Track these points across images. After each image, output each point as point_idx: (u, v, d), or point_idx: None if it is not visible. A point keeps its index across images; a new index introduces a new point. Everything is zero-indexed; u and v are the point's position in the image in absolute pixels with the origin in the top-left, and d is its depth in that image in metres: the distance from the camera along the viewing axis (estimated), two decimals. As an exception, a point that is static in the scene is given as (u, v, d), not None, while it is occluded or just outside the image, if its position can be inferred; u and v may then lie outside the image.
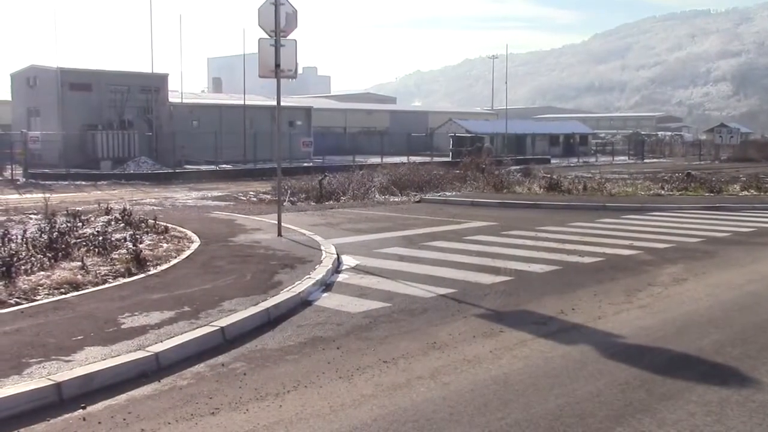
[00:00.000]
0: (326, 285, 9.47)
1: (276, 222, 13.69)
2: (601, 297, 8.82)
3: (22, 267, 9.29)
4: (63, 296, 8.21)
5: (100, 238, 11.40)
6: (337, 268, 10.58)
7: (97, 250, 10.70)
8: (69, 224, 12.89)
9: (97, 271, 9.42)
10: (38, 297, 8.17)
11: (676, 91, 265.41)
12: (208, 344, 6.67)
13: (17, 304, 7.85)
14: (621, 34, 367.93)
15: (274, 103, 13.82)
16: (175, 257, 10.81)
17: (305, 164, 41.49)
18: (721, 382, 5.80)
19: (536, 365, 6.22)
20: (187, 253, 11.23)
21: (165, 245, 11.82)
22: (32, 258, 9.87)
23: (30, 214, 16.89)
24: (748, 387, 5.68)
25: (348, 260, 11.25)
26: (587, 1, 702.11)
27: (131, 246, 10.67)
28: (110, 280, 9.14)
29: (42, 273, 9.17)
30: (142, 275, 9.45)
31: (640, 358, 6.42)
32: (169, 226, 13.97)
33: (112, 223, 13.88)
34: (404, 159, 38.34)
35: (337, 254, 11.39)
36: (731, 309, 8.26)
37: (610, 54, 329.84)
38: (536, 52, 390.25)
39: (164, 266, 10.09)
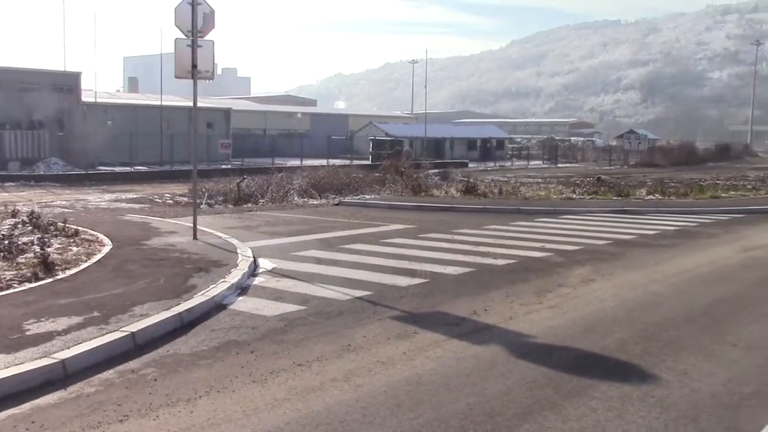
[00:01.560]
0: (242, 288, 9.40)
1: (192, 225, 13.48)
2: (513, 298, 9.05)
3: None
4: (-36, 302, 7.88)
5: (6, 241, 10.99)
6: (253, 271, 10.50)
7: (1, 254, 10.31)
8: (-28, 227, 12.37)
9: (2, 276, 9.08)
10: (-63, 303, 7.82)
11: (588, 98, 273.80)
12: (118, 350, 6.52)
13: None
14: (537, 41, 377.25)
15: (192, 104, 13.61)
16: (86, 261, 10.51)
17: (223, 166, 40.94)
18: (623, 378, 6.04)
19: (449, 365, 6.34)
20: (98, 256, 10.94)
21: (75, 249, 11.49)
22: (-69, 263, 9.44)
23: (-71, 216, 16.10)
24: (648, 383, 5.94)
25: (265, 263, 11.17)
26: (505, 9, 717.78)
27: (39, 250, 10.33)
28: (15, 285, 8.81)
29: (-59, 278, 8.79)
30: (50, 280, 9.15)
31: (548, 357, 6.62)
32: (80, 229, 13.58)
33: (19, 226, 13.39)
34: (324, 162, 38.34)
35: (254, 257, 11.30)
36: (635, 308, 8.60)
37: (527, 61, 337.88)
38: (455, 57, 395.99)
39: (74, 270, 9.81)
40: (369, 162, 47.88)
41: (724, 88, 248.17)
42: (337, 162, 40.15)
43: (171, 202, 23.91)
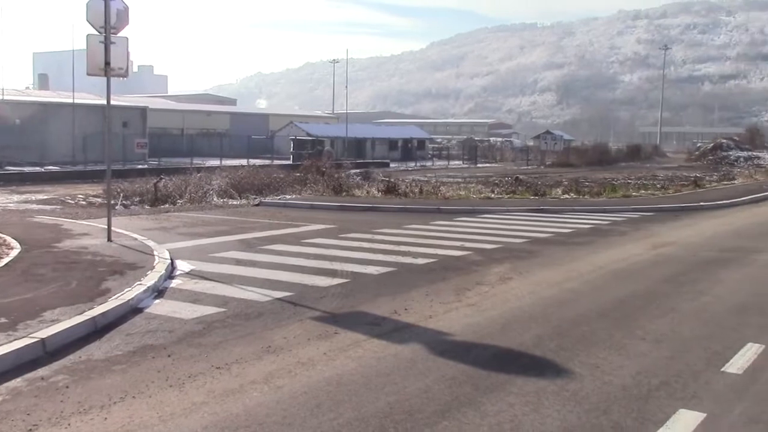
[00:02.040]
0: (158, 291, 9.19)
1: (106, 227, 13.09)
2: (432, 297, 9.14)
3: None
4: None
5: None
6: (170, 273, 10.28)
7: None
8: None
9: None
10: None
11: (506, 99, 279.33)
12: (27, 357, 6.28)
13: None
14: (456, 43, 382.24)
15: (105, 102, 13.22)
16: (-8, 265, 10.08)
17: (140, 166, 39.91)
18: (539, 374, 6.19)
19: (369, 365, 6.36)
20: (6, 260, 10.51)
21: (-20, 253, 11.00)
22: None
23: None
24: (563, 377, 6.10)
25: (182, 265, 10.95)
26: (424, 10, 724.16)
27: (-60, 254, 9.85)
28: None
29: None
30: (-47, 285, 8.74)
31: (467, 354, 6.72)
32: (-14, 231, 13.02)
33: None
34: (244, 162, 37.87)
35: (171, 259, 11.08)
36: (551, 305, 8.82)
37: (446, 62, 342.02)
38: (376, 57, 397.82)
39: (-21, 275, 9.39)
40: (290, 162, 47.56)
41: (634, 90, 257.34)
42: (258, 162, 39.73)
43: (84, 203, 23.17)
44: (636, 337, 7.37)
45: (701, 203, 23.19)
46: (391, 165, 55.38)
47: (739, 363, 6.53)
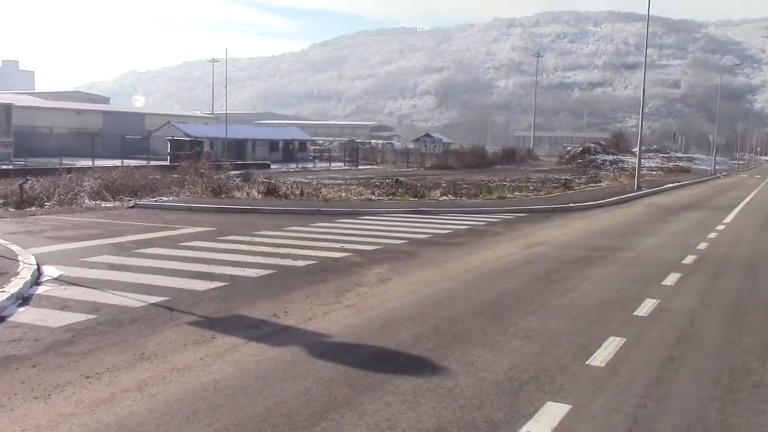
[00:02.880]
0: (23, 298, 8.72)
1: (-35, 231, 12.33)
2: (312, 298, 9.14)
3: None
4: None
5: None
6: (36, 279, 9.78)
7: None
8: None
9: None
10: None
11: (387, 102, 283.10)
12: None
13: None
14: (338, 45, 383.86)
15: (-38, 98, 12.45)
16: None
17: (4, 167, 37.81)
18: (416, 372, 6.31)
19: (247, 369, 6.29)
20: None
21: None
22: None
23: None
24: (439, 375, 6.25)
25: (50, 271, 10.45)
26: (306, 11, 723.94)
27: None
28: None
29: None
30: None
31: (345, 355, 6.76)
32: None
33: None
34: (118, 162, 36.57)
35: (38, 264, 10.54)
36: (428, 305, 9.00)
37: (328, 64, 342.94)
38: (257, 57, 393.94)
39: None
40: (167, 163, 46.29)
41: (509, 96, 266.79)
42: (133, 163, 38.35)
43: (-59, 205, 21.66)
44: (509, 334, 7.64)
45: (570, 204, 24.32)
46: (272, 166, 54.90)
47: (602, 356, 6.89)
